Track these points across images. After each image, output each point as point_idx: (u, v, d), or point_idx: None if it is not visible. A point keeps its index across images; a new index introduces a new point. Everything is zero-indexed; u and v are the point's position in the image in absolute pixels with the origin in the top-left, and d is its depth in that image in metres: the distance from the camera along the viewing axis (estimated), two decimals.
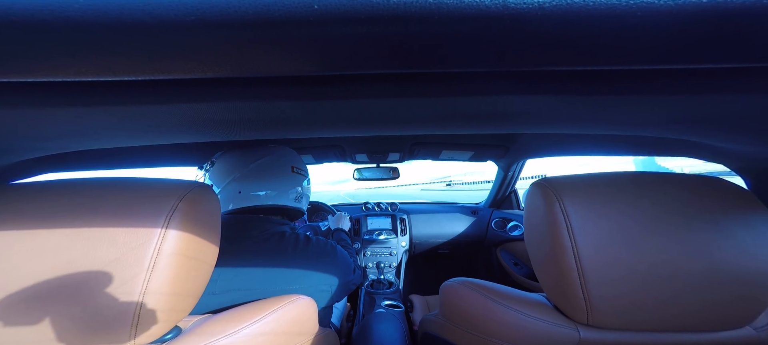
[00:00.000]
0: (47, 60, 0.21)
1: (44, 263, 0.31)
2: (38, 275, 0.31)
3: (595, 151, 0.85)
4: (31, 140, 0.40)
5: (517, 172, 1.38)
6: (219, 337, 0.37)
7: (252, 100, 0.34)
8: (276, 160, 0.69)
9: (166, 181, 0.37)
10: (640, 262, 0.37)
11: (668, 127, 0.43)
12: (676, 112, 0.37)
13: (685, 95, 0.32)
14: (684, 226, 0.37)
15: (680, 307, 0.37)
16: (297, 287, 0.55)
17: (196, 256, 0.36)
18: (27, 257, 0.31)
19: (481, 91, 0.34)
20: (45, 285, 0.31)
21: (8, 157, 0.47)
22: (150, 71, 0.24)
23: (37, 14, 0.18)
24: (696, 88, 0.31)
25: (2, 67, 0.22)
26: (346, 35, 0.21)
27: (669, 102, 0.34)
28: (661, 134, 0.48)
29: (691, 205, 0.38)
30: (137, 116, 0.35)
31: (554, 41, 0.23)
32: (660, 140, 0.60)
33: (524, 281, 1.23)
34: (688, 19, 0.20)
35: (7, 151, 0.44)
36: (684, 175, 0.43)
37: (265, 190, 0.65)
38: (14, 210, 0.33)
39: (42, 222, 0.33)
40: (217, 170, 0.67)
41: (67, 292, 0.31)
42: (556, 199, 0.39)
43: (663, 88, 0.32)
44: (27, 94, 0.29)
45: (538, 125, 0.47)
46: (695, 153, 0.60)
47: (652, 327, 0.38)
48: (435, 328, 0.58)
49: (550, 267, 0.41)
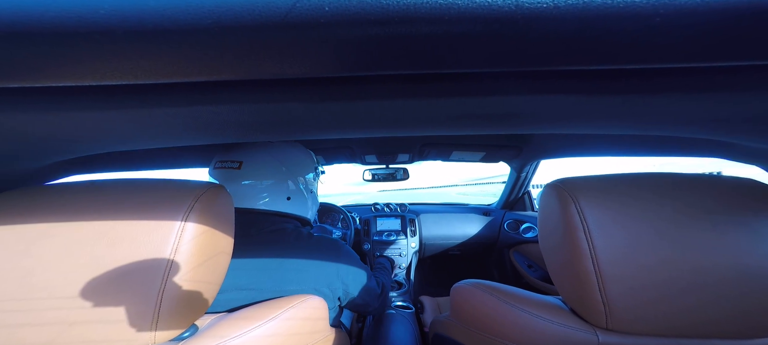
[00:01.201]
0: (75, 66, 0.23)
1: (72, 260, 0.33)
2: (66, 272, 0.32)
3: (616, 152, 0.82)
4: (61, 143, 0.43)
5: (530, 173, 1.34)
6: (234, 336, 0.38)
7: (265, 102, 0.34)
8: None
9: (182, 182, 0.39)
10: (664, 265, 0.35)
11: (696, 127, 0.41)
12: (704, 110, 0.35)
13: (713, 92, 0.31)
14: (712, 229, 0.35)
15: (709, 313, 0.35)
16: (298, 284, 0.55)
17: (211, 254, 0.37)
18: (57, 254, 0.33)
19: (493, 91, 0.34)
20: (72, 281, 0.32)
21: (41, 160, 0.50)
22: (169, 75, 0.25)
23: (68, 23, 0.19)
24: (726, 85, 0.30)
25: (38, 73, 0.23)
26: (357, 36, 0.22)
27: (696, 100, 0.32)
28: (688, 134, 0.46)
29: (719, 207, 0.37)
30: (156, 119, 0.36)
31: (571, 41, 0.22)
32: (687, 140, 0.57)
33: (539, 284, 1.20)
34: (716, 17, 0.19)
35: (40, 153, 0.47)
36: (711, 177, 0.41)
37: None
38: (45, 209, 0.36)
39: (70, 220, 0.34)
40: None
41: (92, 289, 0.32)
42: (572, 200, 0.38)
43: (690, 85, 0.30)
44: (57, 100, 0.31)
45: (554, 125, 0.46)
46: (727, 154, 0.56)
47: (676, 333, 0.36)
48: (446, 330, 0.57)
49: (566, 270, 0.40)
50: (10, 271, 0.33)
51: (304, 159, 0.73)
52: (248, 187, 0.63)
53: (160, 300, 0.32)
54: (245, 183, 0.63)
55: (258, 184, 0.64)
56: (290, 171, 0.68)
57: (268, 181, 0.65)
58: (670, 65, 0.26)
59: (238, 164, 0.64)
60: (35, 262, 0.33)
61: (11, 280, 0.32)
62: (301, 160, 0.72)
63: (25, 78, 0.24)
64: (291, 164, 0.69)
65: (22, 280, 0.32)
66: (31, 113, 0.31)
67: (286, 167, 0.67)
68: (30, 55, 0.21)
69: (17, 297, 0.32)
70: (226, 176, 0.64)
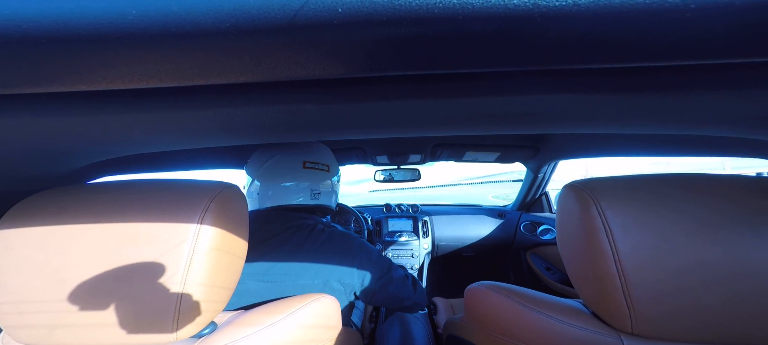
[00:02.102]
0: (107, 70, 0.24)
1: (98, 259, 0.35)
2: (91, 270, 0.34)
3: (642, 152, 0.77)
4: (95, 144, 0.45)
5: (548, 174, 1.30)
6: (251, 332, 0.39)
7: (279, 104, 0.35)
8: (283, 159, 0.68)
9: (198, 182, 0.40)
10: (693, 268, 0.33)
11: (733, 125, 0.39)
12: (743, 108, 0.33)
13: (753, 89, 0.28)
14: (746, 231, 0.33)
15: (742, 319, 0.33)
16: (310, 278, 0.56)
17: (228, 251, 0.38)
18: (84, 253, 0.35)
19: (509, 91, 0.33)
20: (97, 280, 0.34)
21: (78, 161, 0.53)
22: (190, 78, 0.26)
23: (101, 30, 0.20)
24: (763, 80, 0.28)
25: (74, 77, 0.25)
26: (370, 38, 0.22)
27: (734, 97, 0.30)
28: (723, 133, 0.43)
29: (752, 209, 0.34)
30: (178, 121, 0.38)
31: (593, 39, 0.21)
32: (721, 139, 0.54)
33: (558, 287, 1.16)
34: (749, 10, 0.18)
35: (76, 154, 0.50)
36: (741, 177, 0.38)
37: (274, 189, 0.66)
38: (76, 208, 0.38)
39: (97, 220, 0.36)
40: (246, 170, 0.72)
41: (116, 287, 0.34)
42: (593, 202, 0.37)
43: (726, 81, 0.28)
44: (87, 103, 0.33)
45: (575, 125, 0.44)
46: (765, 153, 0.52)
47: (707, 339, 0.34)
48: (461, 331, 0.56)
49: (587, 272, 0.38)
50: (43, 268, 0.35)
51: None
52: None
53: (180, 299, 0.34)
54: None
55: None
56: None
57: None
58: (703, 62, 0.24)
59: (326, 167, 0.70)
60: (65, 259, 0.35)
61: (44, 277, 0.35)
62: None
63: (62, 83, 0.25)
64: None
65: (54, 277, 0.34)
66: (68, 117, 0.33)
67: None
68: (68, 61, 0.22)
69: (49, 296, 0.34)
70: (313, 175, 0.68)
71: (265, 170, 0.68)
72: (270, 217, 0.64)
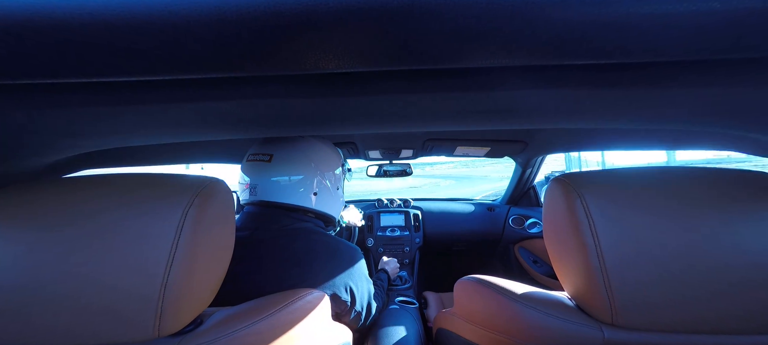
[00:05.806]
0: (87, 61, 0.23)
1: (77, 253, 0.33)
2: (67, 268, 0.33)
3: (626, 146, 0.80)
4: (75, 137, 0.43)
5: (536, 168, 1.33)
6: (238, 328, 0.38)
7: (270, 97, 0.34)
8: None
9: (182, 177, 0.39)
10: (670, 259, 0.34)
11: (709, 120, 0.40)
12: (720, 103, 0.34)
13: (728, 86, 0.29)
14: (723, 222, 0.34)
15: (718, 308, 0.34)
16: (302, 283, 0.55)
17: (213, 248, 0.38)
18: (63, 247, 0.33)
19: (498, 86, 0.33)
20: (73, 276, 0.33)
21: (56, 153, 0.51)
22: (179, 71, 0.25)
23: (79, 18, 0.19)
24: (742, 78, 0.29)
25: (50, 68, 0.23)
26: (361, 30, 0.21)
27: (711, 92, 0.31)
28: (703, 127, 0.44)
29: (730, 200, 0.35)
30: (166, 114, 0.36)
31: (579, 36, 0.21)
32: (702, 133, 0.56)
33: (544, 279, 1.20)
34: (733, 11, 0.18)
35: (53, 147, 0.47)
36: (719, 169, 0.39)
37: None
38: (54, 202, 0.36)
39: (76, 213, 0.35)
40: None
41: (94, 285, 0.33)
42: (577, 195, 0.38)
43: (700, 78, 0.29)
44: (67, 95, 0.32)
45: (560, 120, 0.45)
46: (742, 147, 0.55)
47: (685, 328, 0.36)
48: (450, 325, 0.57)
49: (571, 265, 0.39)
50: (14, 265, 0.33)
51: (331, 155, 0.72)
52: (276, 180, 0.64)
53: (163, 294, 0.33)
54: (274, 178, 0.64)
55: (286, 178, 0.64)
56: (319, 166, 0.68)
57: (297, 176, 0.65)
58: (680, 59, 0.25)
59: (268, 157, 0.64)
60: (40, 257, 0.33)
61: (16, 275, 0.33)
62: (329, 156, 0.71)
63: (37, 73, 0.24)
64: (319, 160, 0.68)
65: (27, 275, 0.33)
66: (44, 109, 0.31)
67: (315, 163, 0.67)
68: (43, 50, 0.21)
69: (22, 295, 0.33)
70: (256, 169, 0.65)
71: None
72: (273, 215, 0.63)
